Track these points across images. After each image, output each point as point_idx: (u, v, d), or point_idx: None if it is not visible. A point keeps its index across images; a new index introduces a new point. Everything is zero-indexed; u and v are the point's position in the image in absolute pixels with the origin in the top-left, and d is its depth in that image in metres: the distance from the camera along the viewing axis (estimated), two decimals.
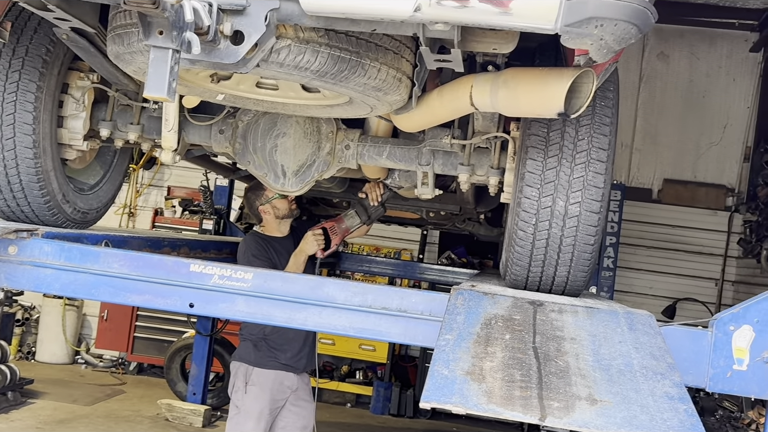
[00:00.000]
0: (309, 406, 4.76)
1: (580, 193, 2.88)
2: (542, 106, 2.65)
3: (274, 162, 3.61)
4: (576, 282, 3.05)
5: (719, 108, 9.52)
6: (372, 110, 3.00)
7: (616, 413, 2.05)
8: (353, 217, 4.56)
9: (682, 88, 9.61)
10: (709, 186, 9.56)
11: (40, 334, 9.71)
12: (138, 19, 2.11)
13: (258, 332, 4.63)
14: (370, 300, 2.81)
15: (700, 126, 9.55)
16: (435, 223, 6.19)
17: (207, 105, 3.59)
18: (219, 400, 8.11)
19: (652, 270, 9.62)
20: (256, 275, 2.90)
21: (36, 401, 7.65)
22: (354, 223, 4.57)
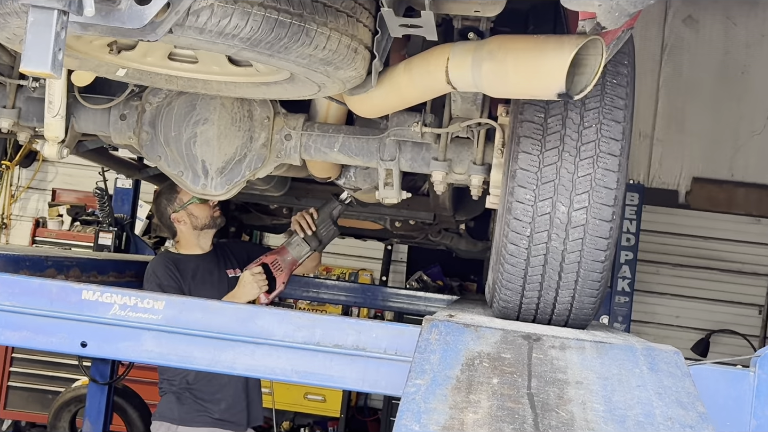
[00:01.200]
0: None
1: (587, 196, 2.91)
2: (538, 84, 2.67)
3: (192, 157, 3.60)
4: (582, 310, 3.08)
5: (762, 87, 9.58)
6: (320, 90, 3.00)
7: None
8: (300, 245, 4.60)
9: (715, 62, 9.69)
10: (749, 186, 9.63)
11: None
12: None
13: (180, 380, 4.60)
14: (319, 335, 2.81)
15: (738, 110, 9.63)
16: (402, 235, 6.20)
17: (104, 83, 3.58)
18: None
19: (679, 294, 9.71)
20: (169, 304, 2.88)
21: None
22: (302, 252, 4.61)
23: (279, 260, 4.58)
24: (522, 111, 2.99)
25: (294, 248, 4.61)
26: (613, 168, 2.92)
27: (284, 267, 4.58)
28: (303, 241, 4.59)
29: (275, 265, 4.57)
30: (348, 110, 3.51)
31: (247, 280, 4.49)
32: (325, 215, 4.60)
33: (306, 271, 5.29)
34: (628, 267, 8.16)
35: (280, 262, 4.58)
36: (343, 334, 2.80)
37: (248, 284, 4.48)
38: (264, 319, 2.85)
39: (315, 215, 4.55)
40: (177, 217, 4.62)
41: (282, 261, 4.59)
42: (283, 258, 4.59)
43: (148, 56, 3.09)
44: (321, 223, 4.60)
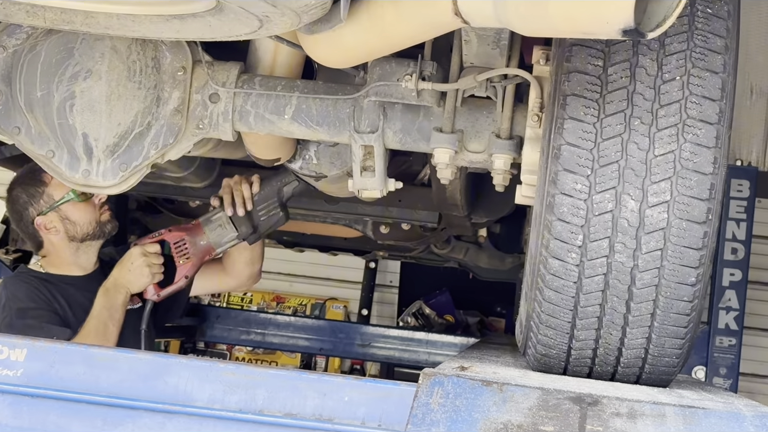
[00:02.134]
0: None
1: (669, 185, 2.92)
2: (592, 15, 2.67)
3: (69, 129, 3.62)
4: (663, 358, 3.09)
5: None
6: (262, 25, 2.99)
7: None
8: (223, 227, 4.56)
9: None
10: None
11: None
12: None
13: None
14: (263, 399, 2.82)
15: None
16: (392, 246, 6.23)
17: None
18: None
19: None
20: (34, 354, 2.89)
21: None
22: (224, 236, 4.56)
23: (187, 241, 4.54)
24: (569, 57, 3.00)
25: (213, 229, 4.55)
26: (708, 143, 2.93)
27: (192, 253, 4.55)
28: (229, 221, 4.54)
29: (179, 248, 4.54)
30: (306, 57, 3.53)
31: (136, 259, 4.53)
32: (271, 191, 4.51)
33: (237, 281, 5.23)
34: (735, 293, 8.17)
35: (187, 244, 4.54)
36: (300, 398, 2.81)
37: (136, 266, 4.52)
38: (179, 376, 2.86)
39: (256, 187, 4.49)
40: (44, 222, 4.60)
41: (191, 243, 4.55)
42: (193, 239, 4.55)
43: None
44: (263, 200, 4.52)
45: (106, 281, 4.54)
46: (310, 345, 7.79)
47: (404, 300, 9.64)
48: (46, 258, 4.73)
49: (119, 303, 4.48)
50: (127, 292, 4.51)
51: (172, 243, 4.56)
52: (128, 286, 4.51)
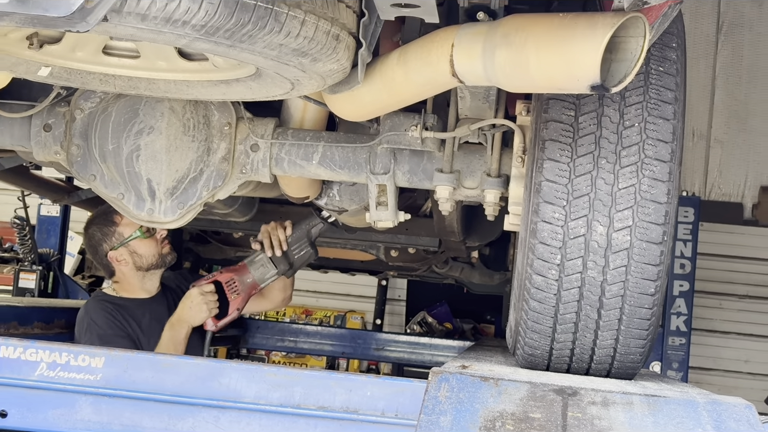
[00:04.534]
0: None
1: (631, 213, 2.91)
2: (566, 74, 2.68)
3: (135, 175, 3.61)
4: (629, 356, 3.08)
5: None
6: (294, 88, 3.00)
7: None
8: (265, 266, 4.58)
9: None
10: None
11: None
12: None
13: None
14: (299, 395, 2.81)
15: None
16: (400, 267, 6.22)
17: (22, 85, 3.59)
18: None
19: (749, 333, 9.73)
20: (110, 361, 2.88)
21: None
22: (266, 274, 4.59)
23: (236, 280, 4.58)
24: (546, 109, 3.00)
25: (256, 268, 4.59)
26: (663, 177, 2.93)
27: (241, 290, 4.58)
28: (269, 261, 4.58)
29: (230, 286, 4.57)
30: (329, 113, 3.54)
31: (195, 298, 4.52)
32: (302, 233, 4.57)
33: (272, 304, 5.28)
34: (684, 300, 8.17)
35: (237, 283, 4.57)
36: (330, 393, 2.80)
37: (195, 304, 4.51)
38: (230, 377, 2.85)
39: (289, 230, 4.53)
40: (116, 256, 4.60)
41: (240, 282, 4.58)
42: (241, 278, 4.59)
43: (77, 51, 3.09)
44: (295, 241, 4.58)
45: (171, 317, 4.55)
46: (334, 349, 7.78)
47: (410, 311, 9.62)
48: (118, 283, 4.74)
49: (182, 336, 4.49)
50: (189, 326, 4.51)
51: (224, 282, 4.57)
52: (190, 321, 4.51)
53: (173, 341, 4.47)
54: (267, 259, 4.58)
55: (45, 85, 3.48)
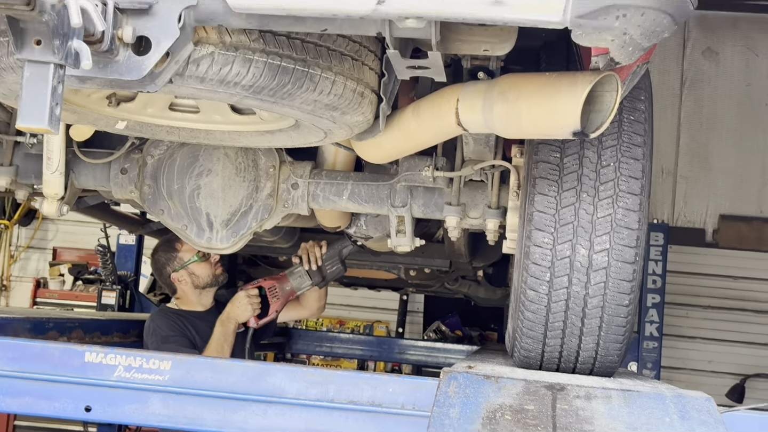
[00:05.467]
0: None
1: (608, 238, 2.90)
2: (552, 123, 2.68)
3: (196, 210, 3.63)
4: (608, 357, 3.06)
5: None
6: (326, 136, 3.02)
7: None
8: (301, 276, 4.59)
9: (737, 95, 9.72)
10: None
11: None
12: (7, 25, 2.12)
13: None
14: (333, 392, 2.80)
15: (764, 143, 9.64)
16: (417, 284, 6.20)
17: (103, 137, 3.61)
18: None
19: (711, 337, 9.65)
20: (176, 364, 2.88)
21: None
22: (302, 283, 4.60)
23: (277, 287, 4.60)
24: (537, 151, 3.00)
25: (295, 278, 4.61)
26: (634, 207, 2.92)
27: (281, 295, 4.59)
28: (306, 273, 4.59)
29: (272, 291, 4.59)
30: (356, 156, 3.53)
31: (241, 299, 4.53)
32: (334, 252, 4.58)
33: (309, 312, 5.28)
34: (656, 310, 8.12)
35: (277, 289, 4.59)
36: (359, 390, 2.79)
37: (242, 304, 4.52)
38: (275, 377, 2.85)
39: (324, 249, 4.54)
40: (177, 277, 4.63)
41: (280, 288, 4.60)
42: (281, 286, 4.61)
43: (148, 107, 3.12)
44: (328, 258, 4.58)
45: (221, 315, 4.55)
46: (363, 353, 7.76)
47: (427, 321, 9.58)
48: (179, 299, 4.75)
49: (231, 330, 4.49)
50: (236, 322, 4.51)
51: (267, 288, 4.58)
52: (236, 318, 4.51)
53: (223, 335, 4.48)
54: (304, 271, 4.59)
55: (121, 135, 3.50)
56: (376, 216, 3.91)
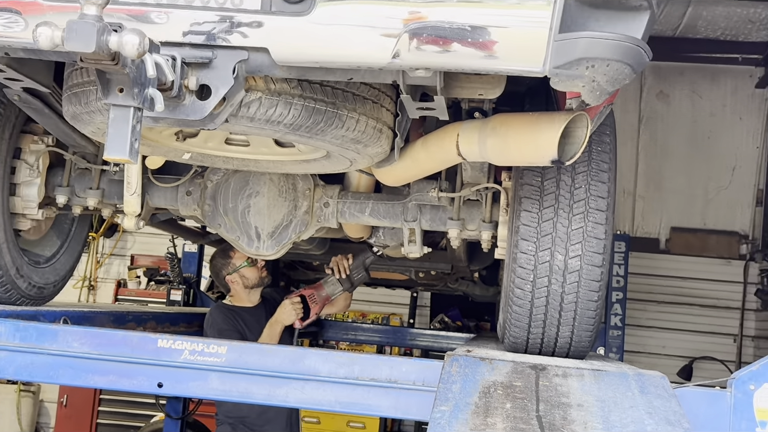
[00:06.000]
0: None
1: (580, 246, 2.90)
2: (534, 153, 2.68)
3: (247, 224, 3.62)
4: (581, 343, 3.05)
5: (726, 149, 9.59)
6: (352, 164, 3.02)
7: None
8: (334, 284, 4.60)
9: (685, 129, 9.70)
10: (720, 233, 9.59)
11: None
12: (96, 76, 2.14)
13: (235, 413, 4.58)
14: (357, 371, 2.79)
15: (707, 169, 9.61)
16: (425, 284, 6.19)
17: (172, 165, 3.62)
18: None
19: (665, 327, 9.60)
20: (230, 349, 2.88)
21: None
22: (335, 290, 4.61)
23: (315, 294, 4.61)
24: (522, 176, 3.00)
25: (329, 286, 4.62)
26: (601, 221, 2.92)
27: (318, 301, 4.60)
28: (337, 281, 4.60)
29: (311, 298, 4.60)
30: (376, 180, 3.53)
31: (286, 306, 4.53)
32: (359, 262, 4.59)
33: (338, 309, 5.32)
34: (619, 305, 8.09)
35: (315, 296, 4.60)
36: (378, 370, 2.78)
37: (287, 311, 4.52)
38: (311, 359, 2.84)
39: (351, 261, 4.56)
40: (231, 279, 4.65)
41: (317, 295, 4.61)
42: (318, 293, 4.61)
43: (208, 142, 3.14)
44: (355, 268, 4.60)
45: (271, 319, 4.55)
46: (381, 340, 7.73)
47: (433, 313, 9.55)
48: (232, 297, 4.75)
49: (277, 332, 4.50)
50: (282, 325, 4.52)
51: (307, 296, 4.60)
52: (283, 322, 4.51)
53: (270, 336, 4.48)
54: (336, 280, 4.59)
55: (187, 164, 3.52)
56: (392, 228, 3.91)
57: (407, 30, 2.16)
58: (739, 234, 9.59)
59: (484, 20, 2.14)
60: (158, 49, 2.13)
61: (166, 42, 2.21)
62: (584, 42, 2.16)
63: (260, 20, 2.23)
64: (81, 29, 1.95)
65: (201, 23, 2.24)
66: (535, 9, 2.14)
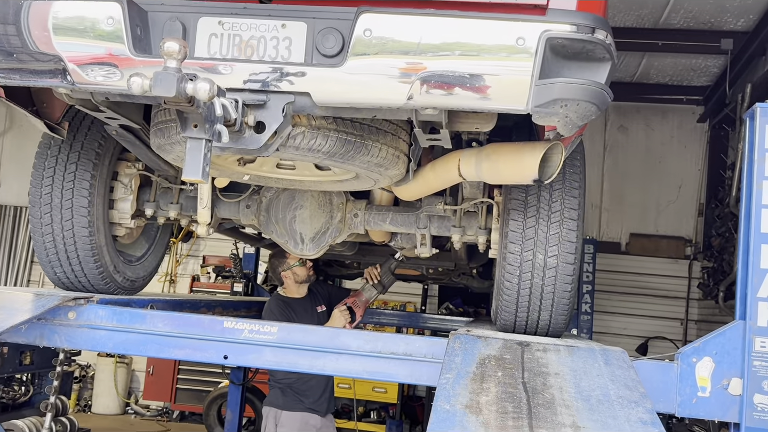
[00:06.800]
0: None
1: (557, 248, 2.88)
2: (520, 174, 2.68)
3: (293, 230, 3.62)
4: (557, 325, 3.03)
5: (674, 171, 9.57)
6: (375, 183, 3.02)
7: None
8: (370, 290, 4.62)
9: (640, 156, 9.68)
10: (669, 238, 9.54)
11: (95, 389, 9.61)
12: (176, 115, 2.16)
13: (285, 380, 4.58)
14: (380, 346, 2.79)
15: (658, 187, 9.58)
16: (434, 278, 6.16)
17: (235, 184, 3.63)
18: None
19: (625, 313, 9.53)
20: (280, 329, 2.88)
21: None
22: (372, 294, 4.62)
23: (357, 301, 4.58)
24: (510, 192, 2.99)
25: (366, 292, 4.60)
26: (574, 228, 2.90)
27: (360, 305, 4.57)
28: (372, 287, 4.59)
29: (355, 305, 4.56)
30: (394, 196, 3.52)
31: (337, 316, 4.46)
32: (386, 269, 4.59)
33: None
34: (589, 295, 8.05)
35: (358, 302, 4.57)
36: (397, 345, 2.77)
37: (338, 319, 4.45)
38: (344, 337, 2.84)
39: (379, 269, 4.55)
40: (285, 275, 4.63)
41: (359, 301, 4.58)
42: (359, 299, 4.58)
43: (263, 166, 3.15)
44: (383, 274, 4.59)
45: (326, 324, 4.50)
46: (399, 323, 7.70)
47: (440, 302, 9.54)
48: (285, 289, 4.73)
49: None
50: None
51: (351, 304, 4.56)
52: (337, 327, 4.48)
53: None
54: (370, 286, 4.59)
55: (246, 184, 3.53)
56: (407, 234, 3.90)
57: (418, 78, 2.17)
58: (685, 239, 9.54)
59: (479, 69, 2.15)
60: (224, 93, 2.15)
61: (230, 88, 2.23)
62: (559, 86, 2.16)
63: (304, 71, 2.25)
64: (164, 78, 1.97)
65: (257, 73, 2.26)
66: (520, 60, 2.15)
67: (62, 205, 3.27)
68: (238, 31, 2.29)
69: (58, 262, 3.35)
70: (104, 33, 2.28)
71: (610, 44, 2.22)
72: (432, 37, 2.16)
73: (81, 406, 9.63)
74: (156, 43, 2.33)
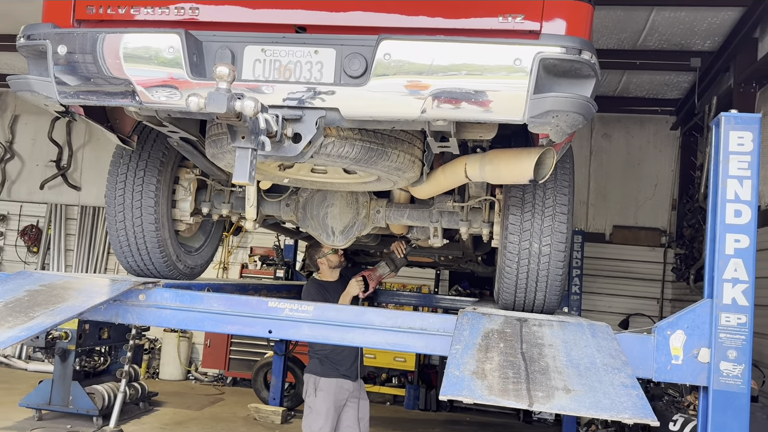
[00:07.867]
0: (364, 403, 4.71)
1: (550, 238, 2.87)
2: (518, 175, 2.67)
3: (325, 225, 3.63)
4: (551, 303, 3.02)
5: (650, 172, 9.47)
6: (395, 184, 3.02)
7: (585, 399, 2.01)
8: (384, 267, 4.60)
9: (622, 159, 9.57)
10: (647, 229, 9.43)
11: (162, 359, 9.73)
12: (227, 128, 2.18)
13: (321, 351, 4.60)
14: (400, 322, 2.78)
15: (637, 185, 9.48)
16: (445, 264, 6.15)
17: (277, 186, 3.65)
18: (292, 402, 8.01)
19: (609, 293, 9.43)
20: (316, 308, 2.88)
21: (159, 409, 7.62)
22: (385, 271, 4.60)
23: (372, 274, 4.56)
24: (509, 191, 2.97)
25: (381, 269, 4.59)
26: (564, 221, 2.88)
27: (374, 279, 4.56)
28: (385, 265, 4.57)
29: (369, 277, 4.55)
30: (411, 195, 3.52)
31: (353, 284, 4.47)
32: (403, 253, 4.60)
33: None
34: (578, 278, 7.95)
35: (372, 276, 4.56)
36: (414, 321, 2.76)
37: (354, 286, 4.45)
38: (369, 315, 2.83)
39: (405, 243, 4.51)
40: (320, 261, 4.61)
41: (373, 275, 4.56)
42: (374, 273, 4.57)
43: (300, 171, 3.15)
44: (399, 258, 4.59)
45: (344, 291, 4.49)
46: (416, 302, 7.68)
47: (451, 284, 9.50)
48: (320, 274, 4.72)
49: (348, 300, 4.40)
50: (351, 296, 4.43)
51: (367, 276, 4.55)
52: (352, 294, 4.42)
53: (344, 302, 4.43)
54: (384, 264, 4.57)
55: (286, 186, 3.54)
56: (422, 227, 3.89)
57: (430, 94, 2.17)
58: (660, 229, 9.41)
59: (483, 86, 2.15)
60: (267, 109, 2.17)
61: (272, 105, 2.25)
62: (551, 100, 2.15)
63: (333, 89, 2.25)
64: (217, 98, 1.99)
65: (295, 92, 2.27)
66: (517, 78, 2.14)
67: (133, 205, 3.31)
68: (278, 56, 2.31)
69: (129, 252, 3.39)
70: (166, 60, 2.30)
71: (595, 63, 2.20)
72: (442, 59, 2.16)
73: (150, 374, 9.76)
74: (209, 68, 2.35)
